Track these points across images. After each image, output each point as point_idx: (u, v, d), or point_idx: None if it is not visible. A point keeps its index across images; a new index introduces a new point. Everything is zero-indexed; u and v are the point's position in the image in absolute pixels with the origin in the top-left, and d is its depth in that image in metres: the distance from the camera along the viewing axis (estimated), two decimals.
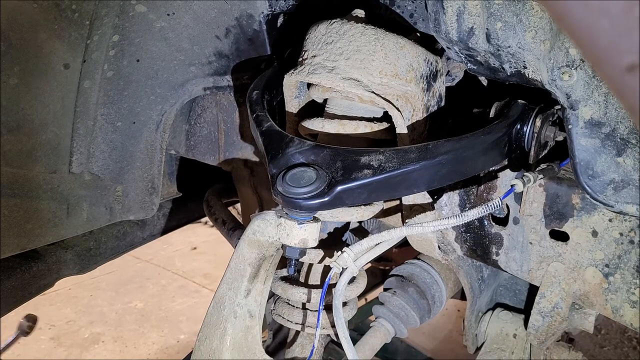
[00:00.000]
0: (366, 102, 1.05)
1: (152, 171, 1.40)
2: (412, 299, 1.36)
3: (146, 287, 4.17)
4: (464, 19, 0.93)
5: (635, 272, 1.00)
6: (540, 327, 1.13)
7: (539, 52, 0.90)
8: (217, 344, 1.04)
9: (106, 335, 3.55)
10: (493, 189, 1.11)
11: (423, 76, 1.03)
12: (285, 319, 1.21)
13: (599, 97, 0.89)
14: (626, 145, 0.90)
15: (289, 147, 0.95)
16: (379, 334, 1.36)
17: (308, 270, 1.23)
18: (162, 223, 1.97)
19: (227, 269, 1.06)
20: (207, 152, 1.52)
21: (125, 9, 1.27)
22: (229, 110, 1.45)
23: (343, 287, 0.99)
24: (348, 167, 0.89)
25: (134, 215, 1.43)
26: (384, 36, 0.99)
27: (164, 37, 1.29)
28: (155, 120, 1.36)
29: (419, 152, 0.91)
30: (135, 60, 1.30)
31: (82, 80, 1.28)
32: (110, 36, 1.27)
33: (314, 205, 0.89)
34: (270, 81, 1.15)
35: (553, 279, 1.09)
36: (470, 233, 1.17)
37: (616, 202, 0.92)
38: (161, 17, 1.28)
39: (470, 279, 1.28)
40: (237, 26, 1.25)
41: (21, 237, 1.25)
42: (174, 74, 1.32)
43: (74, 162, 1.31)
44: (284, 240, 0.97)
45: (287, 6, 1.21)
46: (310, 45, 1.05)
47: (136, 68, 1.31)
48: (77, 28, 1.24)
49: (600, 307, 1.06)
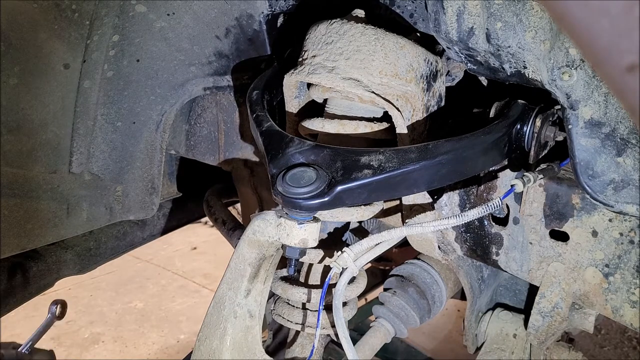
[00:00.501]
0: (366, 102, 1.05)
1: (152, 171, 1.40)
2: (412, 299, 1.36)
3: (146, 287, 4.17)
4: (464, 19, 0.93)
5: (635, 272, 1.00)
6: (540, 327, 1.13)
7: (539, 52, 0.90)
8: (217, 344, 1.04)
9: (106, 335, 3.55)
10: (493, 189, 1.11)
11: (423, 76, 1.03)
12: (285, 319, 1.21)
13: (599, 97, 0.89)
14: (626, 145, 0.90)
15: (289, 147, 0.95)
16: (379, 334, 1.36)
17: (308, 270, 1.23)
18: (162, 223, 1.97)
19: (227, 269, 1.06)
20: (207, 152, 1.52)
21: (125, 9, 1.27)
22: (229, 110, 1.45)
23: (343, 287, 0.99)
24: (348, 167, 0.89)
25: (134, 215, 1.43)
26: (384, 36, 0.99)
27: (164, 37, 1.29)
28: (155, 120, 1.36)
29: (419, 152, 0.91)
30: (135, 60, 1.30)
31: (82, 80, 1.28)
32: (110, 36, 1.27)
33: (314, 205, 0.89)
34: (270, 81, 1.15)
35: (553, 279, 1.09)
36: (470, 233, 1.17)
37: (616, 202, 0.92)
38: (161, 17, 1.28)
39: (470, 279, 1.28)
40: (237, 26, 1.25)
41: (21, 237, 1.25)
42: (174, 74, 1.32)
43: (74, 162, 1.31)
44: (284, 240, 0.97)
45: (287, 6, 1.21)
46: (310, 45, 1.05)
47: (136, 68, 1.31)
48: (77, 28, 1.24)
49: (600, 307, 1.06)
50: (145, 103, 1.34)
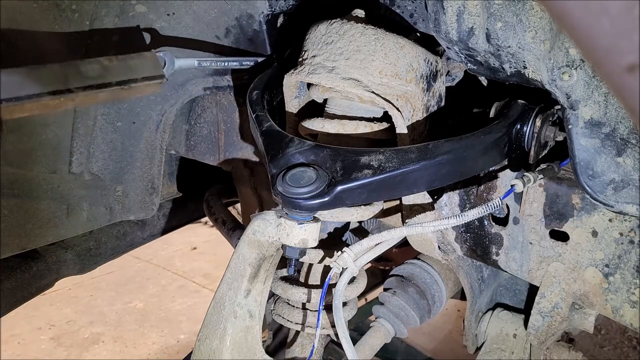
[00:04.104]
0: (366, 102, 1.05)
1: (152, 171, 1.40)
2: (412, 299, 1.36)
3: (146, 287, 4.17)
4: (464, 19, 0.93)
5: (635, 272, 1.00)
6: (540, 327, 1.13)
7: (539, 52, 0.90)
8: (217, 344, 1.04)
9: (106, 335, 3.55)
10: (493, 189, 1.11)
11: (423, 76, 1.03)
12: (285, 319, 1.21)
13: (599, 97, 0.89)
14: (626, 145, 0.90)
15: (289, 147, 0.95)
16: (379, 334, 1.36)
17: (308, 270, 1.23)
18: (162, 223, 1.97)
19: (227, 269, 1.06)
20: (207, 152, 1.52)
21: (125, 9, 1.27)
22: (229, 110, 1.45)
23: (343, 287, 0.99)
24: (348, 167, 0.90)
25: (134, 215, 1.43)
26: (384, 36, 0.99)
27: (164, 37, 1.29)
28: (155, 120, 1.36)
29: (419, 152, 0.91)
30: None
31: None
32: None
33: (314, 205, 0.89)
34: (270, 81, 1.15)
35: (553, 279, 1.09)
36: (470, 233, 1.17)
37: (616, 202, 0.92)
38: (161, 17, 1.28)
39: (470, 279, 1.28)
40: (237, 26, 1.25)
41: (21, 237, 1.25)
42: (173, 73, 1.32)
43: (74, 162, 1.31)
44: (284, 240, 0.97)
45: (287, 6, 1.21)
46: (310, 45, 1.05)
47: None
48: (77, 28, 1.24)
49: (600, 307, 1.06)
50: (145, 103, 1.34)
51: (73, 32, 1.23)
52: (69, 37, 1.23)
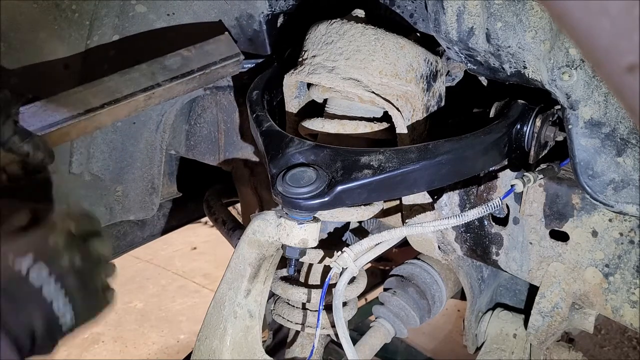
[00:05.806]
0: (366, 102, 1.05)
1: (152, 171, 1.40)
2: (412, 299, 1.36)
3: (146, 287, 4.16)
4: (464, 19, 0.93)
5: (635, 272, 1.00)
6: (540, 327, 1.13)
7: (539, 52, 0.90)
8: (217, 344, 1.04)
9: (106, 335, 3.55)
10: (493, 189, 1.11)
11: (423, 76, 1.03)
12: (285, 319, 1.21)
13: (599, 97, 0.89)
14: (626, 145, 0.90)
15: (289, 147, 0.95)
16: (379, 334, 1.36)
17: (308, 270, 1.23)
18: (162, 223, 1.97)
19: (227, 269, 1.06)
20: (207, 152, 1.52)
21: (125, 9, 1.27)
22: (229, 110, 1.45)
23: (343, 287, 0.99)
24: (348, 167, 0.90)
25: (134, 215, 1.43)
26: (384, 36, 0.99)
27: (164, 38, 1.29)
28: (155, 120, 1.36)
29: (419, 152, 0.91)
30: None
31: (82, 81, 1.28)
32: (110, 36, 1.27)
33: (314, 205, 0.89)
34: (270, 81, 1.15)
35: (553, 279, 1.09)
36: (470, 233, 1.17)
37: (616, 202, 0.92)
38: (161, 17, 1.28)
39: (470, 279, 1.28)
40: (237, 26, 1.25)
41: None
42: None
43: (74, 162, 1.31)
44: (284, 240, 0.97)
45: (287, 6, 1.21)
46: (310, 45, 1.05)
47: None
48: (77, 28, 1.24)
49: (600, 307, 1.06)
50: None
51: (73, 32, 1.23)
52: (69, 37, 1.23)
